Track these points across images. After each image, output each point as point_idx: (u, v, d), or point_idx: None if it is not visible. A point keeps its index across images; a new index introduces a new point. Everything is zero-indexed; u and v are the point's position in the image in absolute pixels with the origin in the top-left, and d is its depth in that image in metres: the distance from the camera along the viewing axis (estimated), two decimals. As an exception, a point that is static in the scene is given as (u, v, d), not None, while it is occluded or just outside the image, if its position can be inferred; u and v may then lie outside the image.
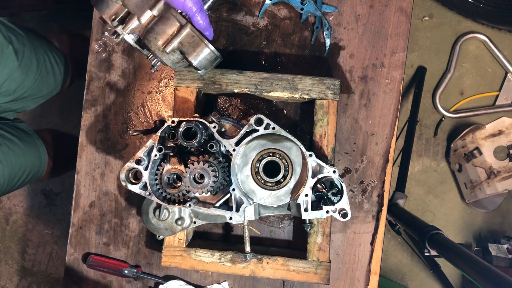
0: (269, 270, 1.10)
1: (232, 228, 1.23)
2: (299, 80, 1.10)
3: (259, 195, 1.04)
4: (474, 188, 2.34)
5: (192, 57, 0.97)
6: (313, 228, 1.09)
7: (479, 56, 2.42)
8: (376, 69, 1.20)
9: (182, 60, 1.01)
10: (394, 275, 2.42)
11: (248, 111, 1.22)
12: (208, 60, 1.00)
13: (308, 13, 1.20)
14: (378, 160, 1.19)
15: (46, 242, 2.41)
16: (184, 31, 0.95)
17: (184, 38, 0.96)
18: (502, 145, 2.34)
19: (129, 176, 1.05)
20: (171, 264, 1.11)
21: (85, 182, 1.25)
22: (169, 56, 0.98)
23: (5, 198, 2.43)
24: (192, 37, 0.96)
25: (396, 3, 1.20)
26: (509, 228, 2.40)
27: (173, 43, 0.96)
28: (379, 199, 1.19)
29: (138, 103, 1.24)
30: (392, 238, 2.41)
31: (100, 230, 1.24)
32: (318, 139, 1.09)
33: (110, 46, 1.24)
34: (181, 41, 0.96)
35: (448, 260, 1.48)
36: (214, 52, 0.99)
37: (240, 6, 1.23)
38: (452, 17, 2.40)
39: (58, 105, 2.35)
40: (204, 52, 0.98)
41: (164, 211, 1.09)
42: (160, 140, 1.03)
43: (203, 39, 0.97)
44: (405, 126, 2.15)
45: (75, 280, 1.25)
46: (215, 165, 0.98)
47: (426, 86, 2.34)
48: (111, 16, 0.99)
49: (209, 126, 1.01)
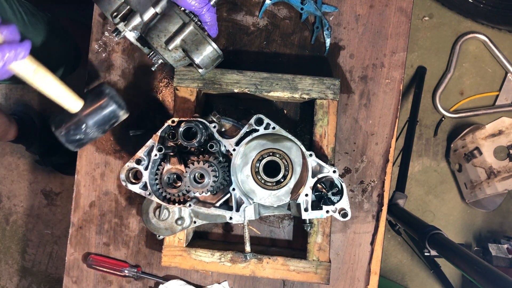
0: (269, 270, 1.10)
1: (232, 228, 1.23)
2: (299, 80, 1.10)
3: (259, 195, 1.04)
4: (474, 188, 2.34)
5: (195, 55, 0.97)
6: (313, 228, 1.09)
7: (479, 56, 2.42)
8: (376, 69, 1.20)
9: (184, 58, 1.01)
10: (394, 275, 2.42)
11: (248, 111, 1.22)
12: (210, 58, 0.99)
13: (308, 13, 1.20)
14: (378, 160, 1.19)
15: (46, 242, 2.41)
16: (187, 28, 0.95)
17: (187, 35, 0.96)
18: (502, 145, 2.34)
19: (129, 176, 1.05)
20: (171, 264, 1.11)
21: (85, 182, 1.25)
22: (171, 53, 0.98)
23: (5, 198, 2.43)
24: (195, 35, 0.96)
25: (396, 3, 1.20)
26: (509, 228, 2.40)
27: (175, 41, 0.96)
28: (379, 199, 1.19)
29: (138, 103, 1.24)
30: (392, 238, 2.41)
31: (100, 230, 1.24)
32: (318, 139, 1.09)
33: (110, 46, 1.24)
34: (184, 39, 0.96)
35: (448, 260, 1.48)
36: (217, 50, 0.99)
37: (240, 6, 1.23)
38: (452, 17, 2.40)
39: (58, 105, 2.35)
40: (207, 50, 0.98)
41: (164, 211, 1.09)
42: (160, 140, 1.03)
43: (206, 37, 0.97)
44: (405, 126, 2.15)
45: (75, 280, 1.25)
46: (215, 165, 0.98)
47: (426, 86, 2.34)
48: (113, 13, 0.99)
49: (209, 126, 1.01)
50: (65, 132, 0.96)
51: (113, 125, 1.00)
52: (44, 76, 0.88)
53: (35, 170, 2.40)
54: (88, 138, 0.98)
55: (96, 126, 0.97)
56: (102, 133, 1.00)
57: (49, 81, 0.89)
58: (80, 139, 0.97)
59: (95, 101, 0.96)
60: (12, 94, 2.35)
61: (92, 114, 0.96)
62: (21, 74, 0.85)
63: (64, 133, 0.96)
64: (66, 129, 0.96)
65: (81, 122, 0.95)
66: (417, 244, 2.23)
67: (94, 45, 1.25)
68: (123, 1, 0.98)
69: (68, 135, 0.96)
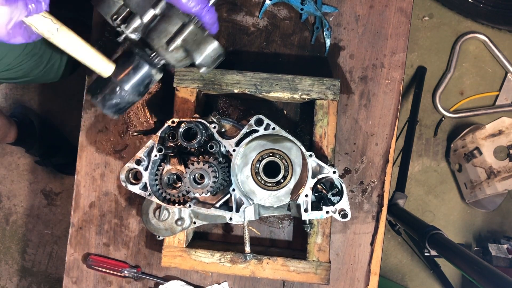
0: (269, 271, 1.10)
1: (232, 229, 1.23)
2: (299, 80, 1.10)
3: (259, 195, 1.04)
4: (474, 188, 2.34)
5: (197, 54, 0.97)
6: (313, 229, 1.09)
7: (479, 56, 2.41)
8: (376, 70, 1.20)
9: (185, 58, 1.01)
10: (394, 275, 2.42)
11: (248, 112, 1.22)
12: (212, 57, 0.99)
13: (308, 13, 1.20)
14: (378, 161, 1.19)
15: (46, 242, 2.41)
16: (188, 28, 0.95)
17: (187, 35, 0.96)
18: (502, 145, 2.34)
19: (129, 177, 1.05)
20: (171, 265, 1.11)
21: (85, 183, 1.25)
22: (173, 54, 0.98)
23: (5, 198, 2.43)
24: (196, 35, 0.96)
25: (396, 3, 1.20)
26: (509, 228, 2.40)
27: (176, 41, 0.95)
28: (379, 199, 1.19)
29: (138, 103, 1.24)
30: (392, 238, 2.41)
31: (100, 230, 1.24)
32: (318, 139, 1.09)
33: (110, 46, 1.24)
34: (185, 39, 0.96)
35: (448, 260, 1.48)
36: (218, 48, 0.99)
37: (240, 7, 1.23)
38: (452, 17, 2.40)
39: (58, 105, 2.35)
40: (208, 49, 0.98)
41: (164, 211, 1.09)
42: (160, 140, 1.03)
43: (207, 36, 0.97)
44: (405, 126, 2.15)
45: (75, 281, 1.25)
46: (215, 166, 0.98)
47: (426, 86, 2.34)
48: (113, 15, 0.99)
49: (209, 127, 1.01)
50: (101, 98, 0.97)
51: (148, 85, 1.00)
52: (70, 36, 0.88)
53: (35, 170, 2.40)
54: (125, 101, 0.98)
55: (131, 88, 0.97)
56: (138, 96, 1.00)
57: (76, 42, 0.90)
58: (117, 104, 0.98)
59: (127, 63, 0.97)
60: (12, 94, 2.35)
61: (125, 76, 0.96)
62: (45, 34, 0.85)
63: (101, 99, 0.97)
64: (102, 94, 0.97)
65: (115, 85, 0.96)
66: (417, 244, 2.22)
67: (94, 45, 1.24)
68: (123, 3, 0.98)
69: (105, 100, 0.97)
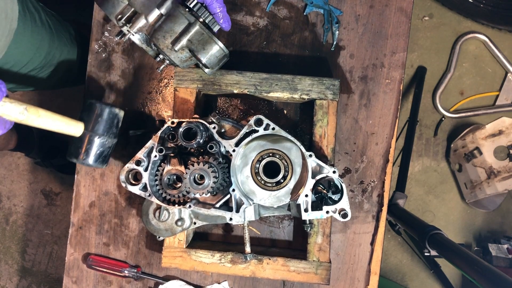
0: (269, 271, 1.10)
1: (232, 229, 1.23)
2: (299, 80, 1.10)
3: (259, 195, 1.04)
4: (474, 188, 2.34)
5: (202, 55, 0.97)
6: (313, 229, 1.09)
7: (479, 56, 2.41)
8: (376, 69, 1.20)
9: (190, 58, 1.01)
10: (394, 275, 2.42)
11: (248, 112, 1.22)
12: (217, 57, 0.99)
13: (317, 6, 1.19)
14: (378, 160, 1.19)
15: (46, 242, 2.41)
16: (193, 28, 0.95)
17: (193, 35, 0.96)
18: (502, 145, 2.34)
19: (129, 177, 1.05)
20: (171, 265, 1.11)
21: (85, 182, 1.25)
22: (178, 54, 0.98)
23: (5, 198, 2.43)
24: (202, 35, 0.96)
25: (396, 3, 1.20)
26: (509, 228, 2.40)
27: (182, 41, 0.95)
28: (379, 199, 1.19)
29: (138, 103, 1.24)
30: (392, 238, 2.41)
31: (100, 230, 1.24)
32: (318, 139, 1.09)
33: (110, 46, 1.24)
34: (190, 39, 0.96)
35: (448, 260, 1.48)
36: (223, 49, 0.99)
37: (240, 6, 1.23)
38: (452, 17, 2.40)
39: (58, 104, 2.35)
40: (214, 49, 0.98)
41: (164, 212, 1.09)
42: (160, 140, 1.03)
43: (213, 36, 0.97)
44: (405, 126, 2.15)
45: (75, 280, 1.25)
46: (215, 166, 0.98)
47: (426, 86, 2.34)
48: (117, 15, 0.99)
49: (209, 127, 1.01)
50: (85, 153, 1.01)
51: (118, 125, 1.05)
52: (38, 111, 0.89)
53: (35, 170, 2.40)
54: (106, 147, 1.03)
55: (106, 131, 1.02)
56: (114, 138, 1.05)
57: (46, 115, 0.91)
58: (102, 152, 1.03)
59: (91, 115, 1.01)
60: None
61: (96, 125, 1.01)
62: (19, 117, 0.86)
63: (85, 157, 1.01)
64: (83, 149, 1.01)
65: (91, 136, 1.00)
66: (417, 244, 2.23)
67: (94, 45, 1.25)
68: (128, 3, 0.98)
69: (89, 154, 1.01)
